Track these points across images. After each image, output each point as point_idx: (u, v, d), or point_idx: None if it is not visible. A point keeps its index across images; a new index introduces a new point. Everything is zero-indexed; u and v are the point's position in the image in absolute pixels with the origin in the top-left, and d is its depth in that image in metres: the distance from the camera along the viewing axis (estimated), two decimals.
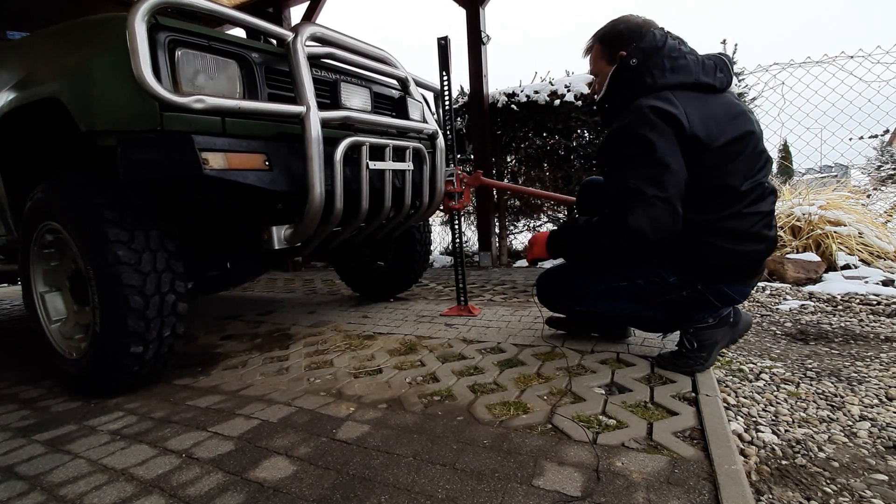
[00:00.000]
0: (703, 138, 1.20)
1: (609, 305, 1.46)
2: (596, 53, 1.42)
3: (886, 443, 1.00)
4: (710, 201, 1.24)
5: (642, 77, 1.27)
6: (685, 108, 1.21)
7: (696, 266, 1.31)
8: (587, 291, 1.47)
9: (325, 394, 1.40)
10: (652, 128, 1.20)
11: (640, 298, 1.41)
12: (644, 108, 1.22)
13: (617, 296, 1.43)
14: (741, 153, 1.23)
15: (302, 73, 1.43)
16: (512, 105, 4.13)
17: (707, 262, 1.28)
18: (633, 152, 1.23)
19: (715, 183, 1.23)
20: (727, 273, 1.30)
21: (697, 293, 1.33)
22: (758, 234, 1.26)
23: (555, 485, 0.87)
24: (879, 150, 6.81)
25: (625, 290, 1.41)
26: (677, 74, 1.25)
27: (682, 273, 1.32)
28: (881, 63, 3.55)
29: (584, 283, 1.47)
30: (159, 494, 0.93)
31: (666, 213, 1.20)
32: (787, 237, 3.21)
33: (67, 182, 1.45)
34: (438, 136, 2.05)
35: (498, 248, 4.37)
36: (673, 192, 1.19)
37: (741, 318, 1.38)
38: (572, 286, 1.50)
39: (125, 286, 1.33)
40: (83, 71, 1.30)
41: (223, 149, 1.29)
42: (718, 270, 1.30)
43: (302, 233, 1.55)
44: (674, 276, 1.33)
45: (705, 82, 1.27)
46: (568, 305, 1.57)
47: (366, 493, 0.89)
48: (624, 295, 1.42)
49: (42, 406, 1.48)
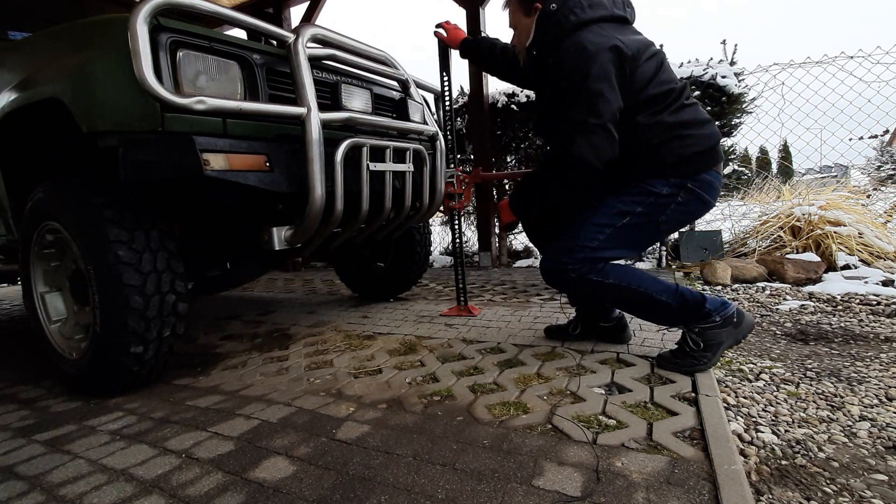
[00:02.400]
0: (637, 56, 1.31)
1: (622, 253, 1.41)
2: (513, 8, 1.51)
3: (886, 443, 1.00)
4: (660, 105, 1.34)
5: (566, 17, 1.36)
6: (615, 35, 1.31)
7: (677, 165, 1.34)
8: (593, 245, 1.38)
9: (325, 394, 1.41)
10: (588, 59, 1.27)
11: (647, 229, 1.39)
12: (580, 42, 1.30)
13: (626, 238, 1.38)
14: (663, 62, 1.38)
15: (303, 74, 1.43)
16: (512, 105, 4.13)
17: (686, 153, 1.33)
18: (570, 86, 1.30)
19: (658, 90, 1.33)
20: (704, 158, 1.35)
21: (690, 193, 1.35)
22: (706, 117, 1.39)
23: (555, 485, 0.88)
24: (879, 150, 6.81)
25: (629, 228, 1.37)
26: (596, 10, 1.36)
27: (668, 179, 1.35)
28: (881, 63, 3.56)
29: (586, 237, 1.39)
30: (159, 494, 0.94)
31: (604, 139, 1.29)
32: (787, 237, 3.21)
33: (68, 182, 1.45)
34: (438, 138, 2.05)
35: (498, 248, 4.37)
36: (608, 117, 1.27)
37: (745, 318, 1.39)
38: (576, 248, 1.39)
39: (125, 286, 1.33)
40: (85, 72, 1.30)
41: (224, 150, 1.29)
42: (697, 158, 1.34)
43: (302, 234, 1.55)
44: (664, 187, 1.35)
45: (619, 15, 1.39)
46: (581, 274, 1.40)
47: (366, 493, 0.90)
48: (631, 233, 1.38)
49: (42, 406, 1.48)
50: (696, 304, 1.37)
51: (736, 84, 3.48)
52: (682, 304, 1.37)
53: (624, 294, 1.40)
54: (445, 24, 2.04)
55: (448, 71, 2.20)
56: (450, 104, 2.23)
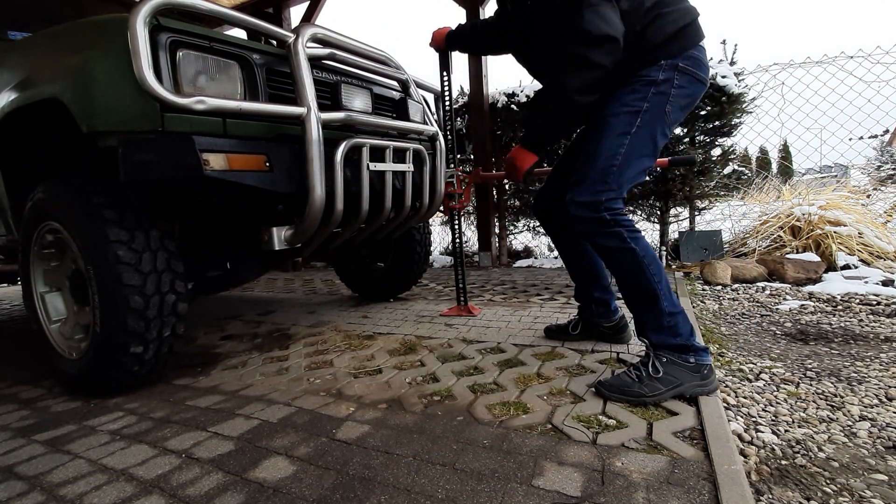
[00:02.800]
0: None
1: (645, 163, 1.35)
2: None
3: (886, 443, 1.00)
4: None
5: None
6: None
7: (665, 44, 1.30)
8: (618, 163, 1.31)
9: (325, 394, 1.41)
10: None
11: (658, 125, 1.32)
12: None
13: (643, 142, 1.32)
14: None
15: (303, 74, 1.43)
16: (512, 105, 4.13)
17: (671, 29, 1.29)
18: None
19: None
20: (689, 32, 1.32)
21: (684, 73, 1.31)
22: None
23: (555, 485, 0.88)
24: (879, 150, 6.81)
25: (643, 130, 1.31)
26: None
27: (659, 63, 1.30)
28: (881, 63, 3.56)
29: (609, 155, 1.31)
30: (159, 494, 0.94)
31: (611, 9, 1.24)
32: (787, 237, 3.21)
33: (68, 182, 1.45)
34: (438, 138, 2.05)
35: (498, 248, 4.37)
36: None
37: (712, 379, 1.27)
38: (605, 171, 1.31)
39: (125, 286, 1.34)
40: (85, 72, 1.30)
41: (224, 150, 1.29)
42: (682, 33, 1.30)
43: (302, 234, 1.55)
44: (658, 73, 1.31)
45: None
46: (615, 218, 1.32)
47: (366, 493, 0.90)
48: (646, 135, 1.32)
49: (42, 406, 1.48)
50: (685, 332, 1.29)
51: (736, 84, 3.48)
52: (674, 324, 1.29)
53: (637, 274, 1.31)
54: (434, 32, 2.05)
55: (448, 71, 2.20)
56: (450, 104, 2.23)
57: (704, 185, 3.73)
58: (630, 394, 1.21)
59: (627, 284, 1.36)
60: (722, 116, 3.59)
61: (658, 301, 1.30)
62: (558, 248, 1.71)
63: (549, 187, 1.66)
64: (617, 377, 1.28)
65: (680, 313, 1.30)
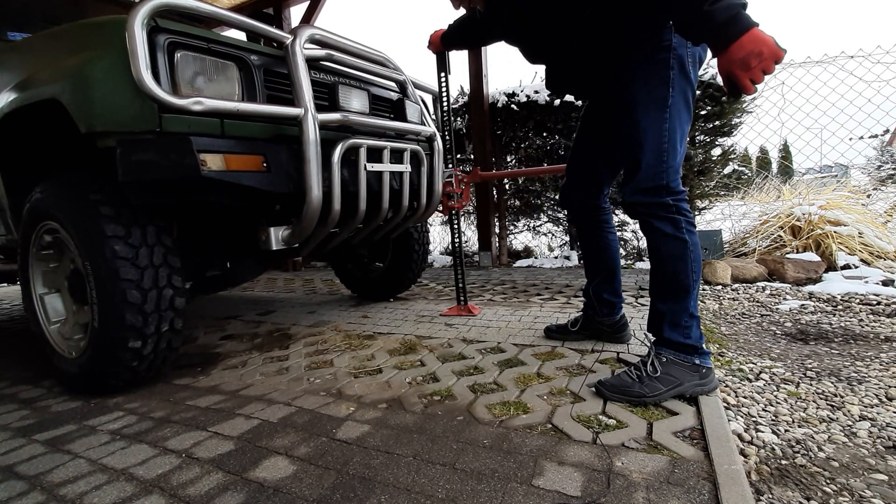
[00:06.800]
0: None
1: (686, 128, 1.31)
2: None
3: (886, 443, 1.00)
4: None
5: None
6: None
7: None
8: (667, 140, 1.27)
9: (325, 394, 1.41)
10: None
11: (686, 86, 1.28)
12: None
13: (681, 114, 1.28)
14: None
15: (300, 75, 1.43)
16: (512, 105, 4.13)
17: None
18: None
19: None
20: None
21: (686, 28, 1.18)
22: None
23: (555, 485, 0.88)
24: (879, 150, 6.80)
25: (678, 100, 1.27)
26: None
27: (668, 23, 1.24)
28: (881, 63, 3.55)
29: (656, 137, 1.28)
30: (159, 494, 0.93)
31: None
32: (787, 237, 3.21)
33: (65, 181, 1.45)
34: (436, 138, 2.05)
35: (498, 248, 4.37)
36: None
37: (711, 379, 1.28)
38: (659, 152, 1.27)
39: (122, 280, 1.34)
40: (83, 73, 1.30)
41: (221, 150, 1.29)
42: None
43: (300, 234, 1.55)
44: (672, 36, 1.24)
45: None
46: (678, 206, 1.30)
47: (366, 493, 0.90)
48: (682, 103, 1.28)
49: (42, 406, 1.48)
50: (695, 336, 1.29)
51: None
52: (690, 325, 1.29)
53: (679, 266, 1.29)
54: (431, 35, 2.06)
55: (446, 71, 2.19)
56: (447, 105, 2.23)
57: (704, 185, 3.73)
58: (630, 394, 1.21)
59: (665, 273, 1.32)
60: (722, 116, 3.59)
61: (687, 298, 1.29)
62: (581, 240, 1.71)
63: (573, 176, 1.63)
64: (617, 377, 1.28)
65: (697, 318, 1.30)
